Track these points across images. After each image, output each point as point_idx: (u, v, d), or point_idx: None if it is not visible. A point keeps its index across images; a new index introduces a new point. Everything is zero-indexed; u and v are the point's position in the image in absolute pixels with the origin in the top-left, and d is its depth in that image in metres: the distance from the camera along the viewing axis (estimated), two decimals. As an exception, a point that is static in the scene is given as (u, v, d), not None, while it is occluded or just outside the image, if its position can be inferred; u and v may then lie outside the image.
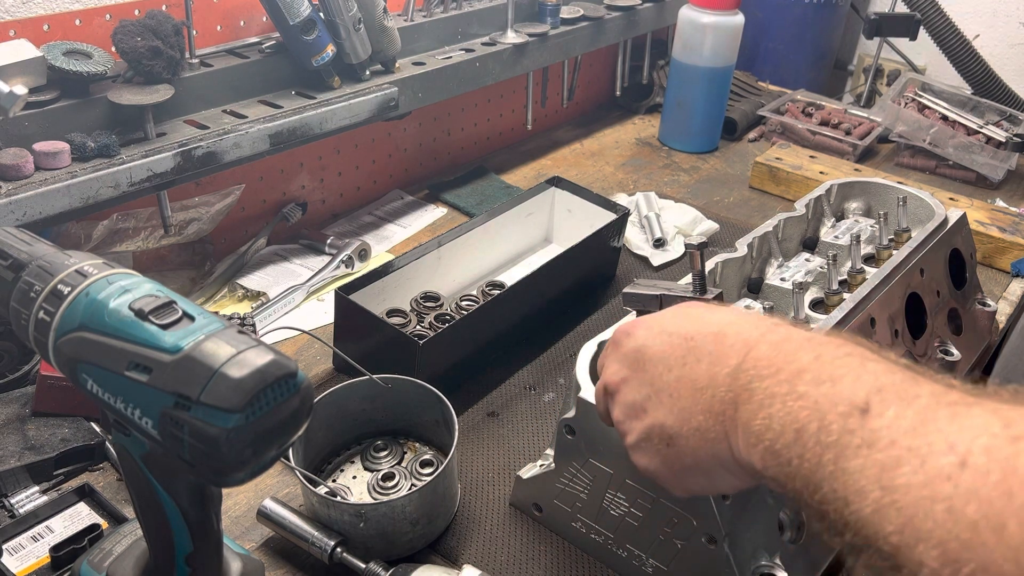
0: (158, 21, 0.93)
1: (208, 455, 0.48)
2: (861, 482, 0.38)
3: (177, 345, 0.49)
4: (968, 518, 0.34)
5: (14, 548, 0.71)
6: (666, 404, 0.52)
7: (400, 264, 0.98)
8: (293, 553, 0.73)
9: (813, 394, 0.42)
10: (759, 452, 0.44)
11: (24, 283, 0.54)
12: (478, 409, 0.92)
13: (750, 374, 0.46)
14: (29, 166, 0.84)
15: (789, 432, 0.42)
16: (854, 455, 0.39)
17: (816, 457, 0.40)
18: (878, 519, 0.37)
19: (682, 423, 0.50)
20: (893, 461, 0.37)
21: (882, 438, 0.38)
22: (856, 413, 0.40)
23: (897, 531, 0.36)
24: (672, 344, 0.53)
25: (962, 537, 0.33)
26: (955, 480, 0.35)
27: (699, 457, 0.50)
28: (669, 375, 0.52)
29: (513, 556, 0.74)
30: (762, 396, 0.45)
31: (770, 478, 0.44)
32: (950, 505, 0.34)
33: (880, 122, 1.59)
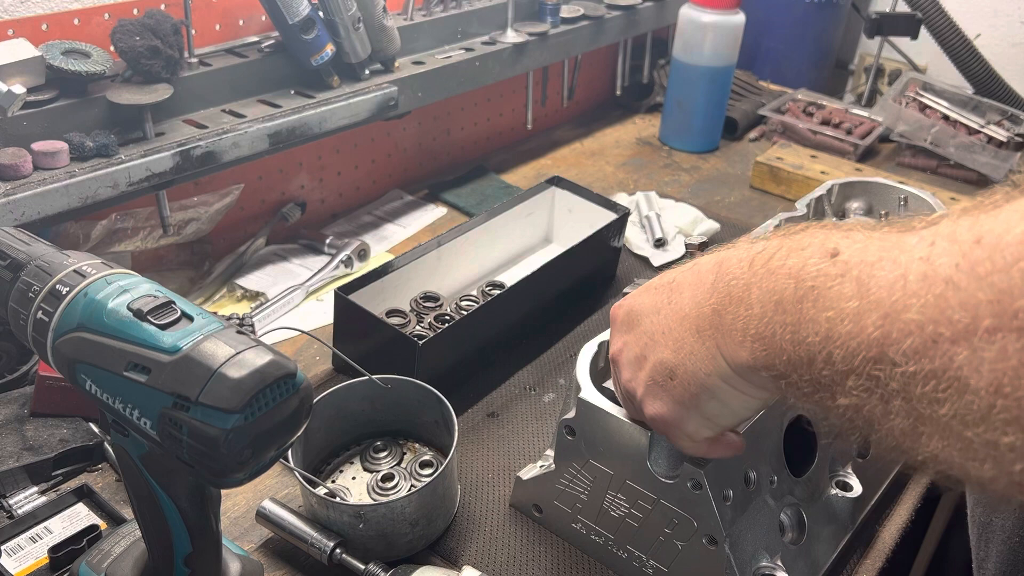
0: (157, 20, 0.93)
1: (207, 456, 0.47)
2: (839, 304, 0.37)
3: (176, 345, 0.49)
4: (941, 273, 0.33)
5: (12, 549, 0.71)
6: (660, 342, 0.52)
7: (400, 264, 0.98)
8: (292, 554, 0.73)
9: (787, 264, 0.42)
10: (747, 346, 0.44)
11: (22, 283, 0.54)
12: (478, 410, 0.92)
13: (725, 280, 0.47)
14: (27, 166, 0.84)
15: (769, 308, 0.42)
16: (829, 287, 0.38)
17: (796, 313, 0.40)
18: (859, 327, 0.36)
19: (677, 352, 0.51)
20: (867, 271, 0.37)
21: (853, 261, 0.38)
22: (827, 258, 0.40)
23: (877, 322, 0.35)
24: (658, 292, 0.54)
25: (937, 291, 0.33)
26: (926, 254, 0.34)
27: (701, 379, 0.50)
28: (658, 317, 0.53)
29: (513, 557, 0.74)
30: (739, 293, 0.45)
31: (762, 368, 0.44)
32: (923, 273, 0.34)
33: (881, 122, 1.59)
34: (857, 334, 0.36)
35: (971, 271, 0.32)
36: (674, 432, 0.55)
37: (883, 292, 0.35)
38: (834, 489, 0.75)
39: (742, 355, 0.45)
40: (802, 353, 0.40)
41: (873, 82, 1.92)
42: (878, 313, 0.35)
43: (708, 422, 0.53)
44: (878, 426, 0.36)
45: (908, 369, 0.33)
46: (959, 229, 0.34)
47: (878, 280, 0.36)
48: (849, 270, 0.38)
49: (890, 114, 1.59)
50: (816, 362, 0.39)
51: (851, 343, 0.36)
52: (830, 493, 0.74)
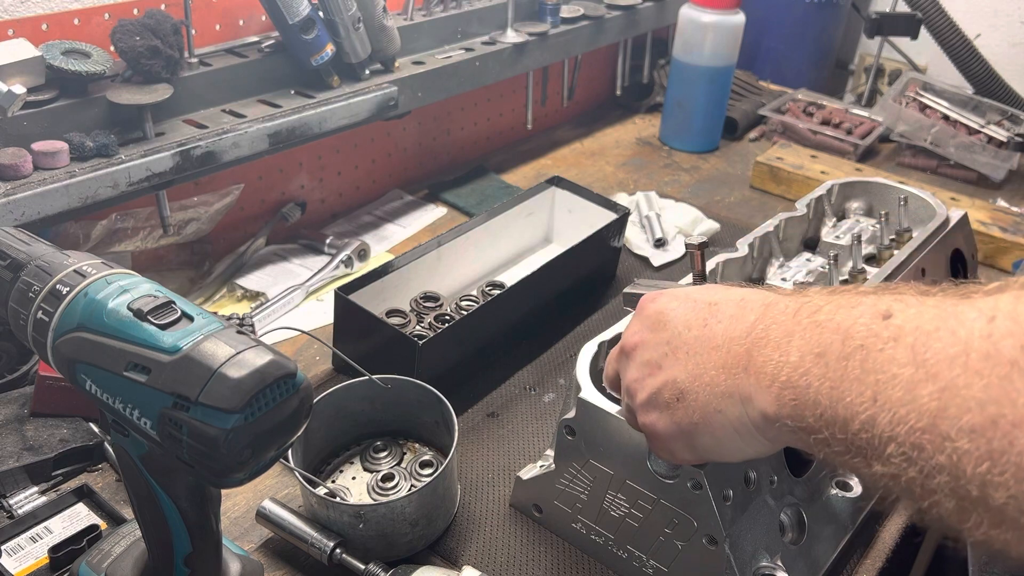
0: (157, 20, 0.93)
1: (207, 456, 0.47)
2: (891, 369, 0.36)
3: (176, 345, 0.49)
4: (1006, 355, 0.32)
5: (13, 549, 0.71)
6: (681, 360, 0.51)
7: (400, 264, 0.98)
8: (292, 554, 0.73)
9: (836, 319, 0.41)
10: (774, 392, 0.43)
11: (23, 283, 0.54)
12: (478, 410, 0.92)
13: (766, 323, 0.46)
14: (28, 166, 0.84)
15: (808, 358, 0.41)
16: (880, 350, 0.37)
17: (840, 369, 0.39)
18: (911, 395, 0.35)
19: (695, 379, 0.50)
20: (922, 339, 0.36)
21: (908, 327, 0.37)
22: (879, 319, 0.38)
23: (934, 394, 0.34)
24: (695, 308, 0.52)
25: (1001, 373, 0.32)
26: (987, 331, 0.34)
27: (708, 414, 0.49)
28: (688, 334, 0.51)
29: (513, 557, 0.74)
30: (778, 338, 0.44)
31: (787, 417, 0.42)
32: (986, 352, 0.33)
33: (881, 122, 1.59)
34: (908, 402, 0.35)
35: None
36: (658, 446, 0.54)
37: (942, 365, 0.34)
38: (834, 489, 0.75)
39: (766, 400, 0.44)
40: (840, 411, 0.38)
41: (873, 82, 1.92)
42: (936, 385, 0.34)
43: (695, 452, 0.52)
44: (919, 500, 0.35)
45: (961, 445, 0.33)
46: (1021, 308, 0.33)
47: (935, 351, 0.35)
48: (903, 335, 0.37)
49: (890, 114, 1.59)
50: (853, 423, 0.38)
51: (900, 410, 0.35)
52: (830, 493, 0.74)
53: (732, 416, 0.47)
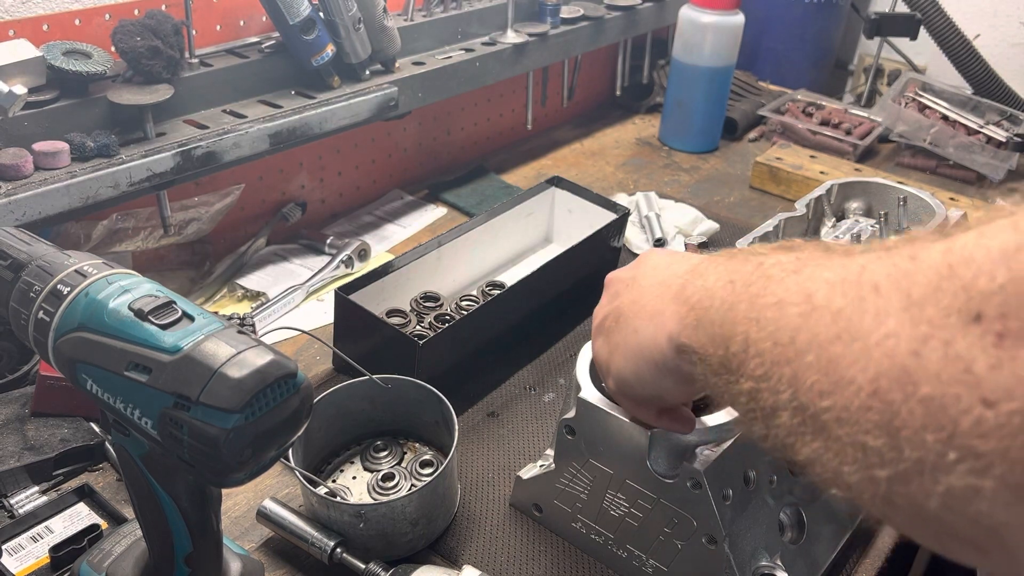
0: (158, 21, 0.93)
1: (207, 455, 0.47)
2: (780, 294, 0.38)
3: (176, 345, 0.49)
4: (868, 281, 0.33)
5: (14, 548, 0.71)
6: (633, 291, 0.54)
7: (400, 264, 0.98)
8: (293, 554, 0.73)
9: (760, 258, 0.42)
10: (682, 313, 0.46)
11: (23, 283, 0.54)
12: (478, 409, 0.92)
13: (708, 262, 0.48)
14: (28, 166, 0.84)
15: (720, 283, 0.43)
16: (781, 279, 0.39)
17: (741, 293, 0.40)
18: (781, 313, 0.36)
19: (633, 304, 0.53)
20: (815, 271, 0.37)
21: (810, 262, 0.38)
22: (793, 256, 0.40)
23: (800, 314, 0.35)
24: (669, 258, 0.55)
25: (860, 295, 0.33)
26: (864, 263, 0.34)
27: (627, 334, 0.52)
28: (650, 275, 0.54)
29: (513, 556, 0.74)
30: (708, 270, 0.46)
31: (683, 336, 0.45)
32: (856, 279, 0.34)
33: (880, 122, 1.59)
34: (777, 319, 0.36)
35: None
36: (600, 372, 0.57)
37: (819, 289, 0.35)
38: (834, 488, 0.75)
39: (673, 321, 0.47)
40: (726, 329, 0.40)
41: (872, 82, 1.92)
42: (806, 307, 0.35)
43: (613, 376, 0.55)
44: (767, 419, 0.36)
45: (806, 359, 0.33)
46: (914, 247, 0.34)
47: (817, 278, 0.36)
48: (803, 267, 0.38)
49: (889, 114, 1.59)
50: (734, 341, 0.39)
51: (769, 327, 0.37)
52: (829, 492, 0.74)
53: (645, 336, 0.50)
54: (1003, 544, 0.27)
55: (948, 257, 0.30)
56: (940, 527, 0.29)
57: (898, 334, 0.29)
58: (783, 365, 0.34)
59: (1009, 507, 0.26)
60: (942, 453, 0.27)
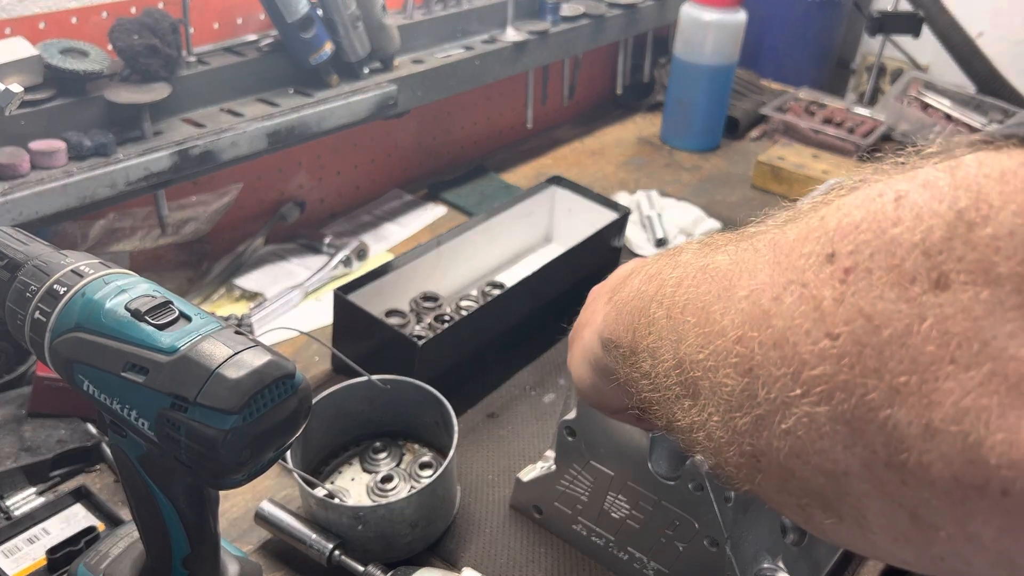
0: (155, 19, 0.92)
1: (205, 457, 0.47)
2: (677, 290, 0.40)
3: (174, 346, 0.48)
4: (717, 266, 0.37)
5: (10, 550, 0.71)
6: (590, 305, 0.56)
7: (399, 264, 0.98)
8: (291, 555, 0.73)
9: (690, 257, 0.43)
10: (609, 311, 0.48)
11: (20, 283, 0.54)
12: (478, 410, 0.91)
13: (653, 263, 0.48)
14: (25, 165, 0.83)
15: (640, 281, 0.45)
16: (693, 279, 0.40)
17: (652, 290, 0.42)
18: (668, 303, 0.39)
19: (585, 312, 0.56)
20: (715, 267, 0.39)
21: (725, 267, 0.39)
22: (714, 254, 0.41)
23: (678, 306, 0.38)
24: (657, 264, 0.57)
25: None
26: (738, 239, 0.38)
27: (581, 341, 0.54)
28: (604, 289, 0.55)
29: (513, 558, 0.74)
30: (643, 271, 0.47)
31: (605, 332, 0.47)
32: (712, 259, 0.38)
33: (883, 121, 1.59)
34: (673, 294, 0.39)
35: None
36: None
37: (697, 272, 0.38)
38: (836, 490, 0.74)
39: (600, 319, 0.49)
40: (633, 320, 0.43)
41: (875, 81, 1.92)
42: (681, 293, 0.38)
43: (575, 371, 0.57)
44: (662, 395, 0.38)
45: (690, 322, 0.36)
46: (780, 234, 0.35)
47: (718, 253, 0.39)
48: (712, 268, 0.40)
49: (892, 113, 1.58)
50: (641, 324, 0.42)
51: (666, 302, 0.39)
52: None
53: (585, 340, 0.52)
54: (852, 503, 0.27)
55: (819, 211, 0.31)
56: (797, 486, 0.29)
57: (764, 283, 0.31)
58: (671, 332, 0.37)
59: (848, 449, 0.26)
60: (789, 388, 0.28)
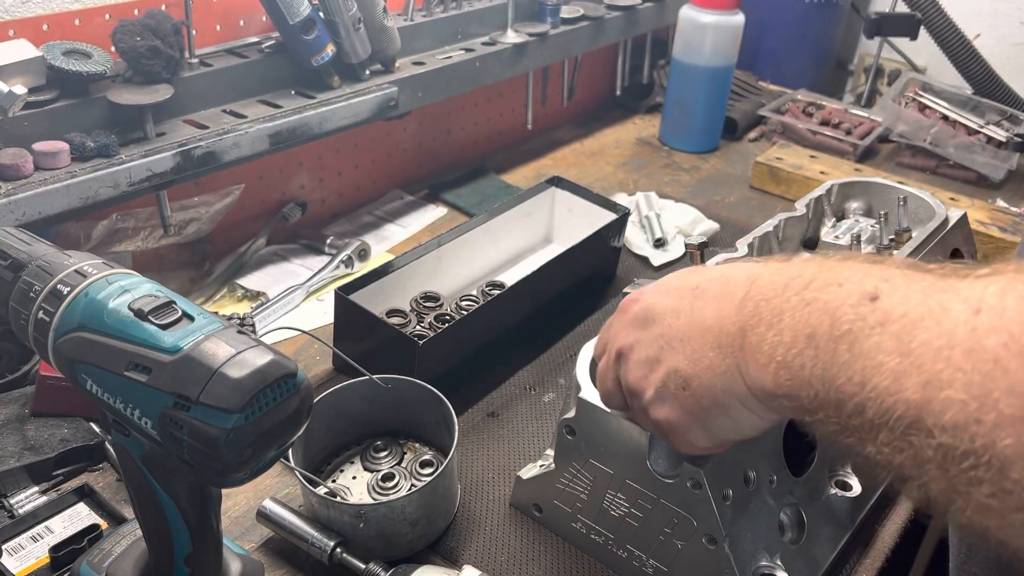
0: (157, 21, 0.93)
1: (207, 456, 0.47)
2: (878, 357, 0.37)
3: (176, 345, 0.49)
4: (989, 351, 0.33)
5: (14, 548, 0.71)
6: (678, 349, 0.51)
7: (400, 264, 0.98)
8: (293, 554, 0.73)
9: (822, 298, 0.41)
10: (771, 372, 0.43)
11: (23, 283, 0.54)
12: (478, 409, 0.92)
13: (755, 300, 0.46)
14: (28, 166, 0.84)
15: (800, 339, 0.41)
16: (868, 336, 0.37)
17: (830, 352, 0.39)
18: (898, 386, 0.35)
19: (694, 364, 0.50)
20: (908, 328, 0.36)
21: (895, 313, 0.37)
22: (867, 301, 0.39)
23: (918, 387, 0.34)
24: (680, 296, 0.52)
25: (984, 370, 0.32)
26: (972, 324, 0.34)
27: (715, 395, 0.49)
28: (678, 322, 0.51)
29: (513, 557, 0.74)
30: (769, 317, 0.44)
31: (784, 396, 0.43)
32: (970, 347, 0.33)
33: (881, 122, 1.59)
34: (895, 392, 0.36)
35: (1020, 354, 0.32)
36: (676, 438, 0.54)
37: (926, 357, 0.35)
38: (833, 489, 0.75)
39: (765, 380, 0.44)
40: (832, 395, 0.39)
41: (872, 82, 1.92)
42: (920, 379, 0.35)
43: (712, 435, 0.52)
44: (913, 480, 0.36)
45: (945, 441, 0.33)
46: (1008, 302, 0.33)
47: (920, 341, 0.35)
48: (889, 321, 0.37)
49: (889, 114, 1.59)
50: (846, 408, 0.38)
51: (887, 400, 0.36)
52: (829, 493, 0.74)
53: (740, 395, 0.47)
54: None
55: None
56: None
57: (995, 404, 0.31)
58: (919, 446, 0.34)
59: None
60: None
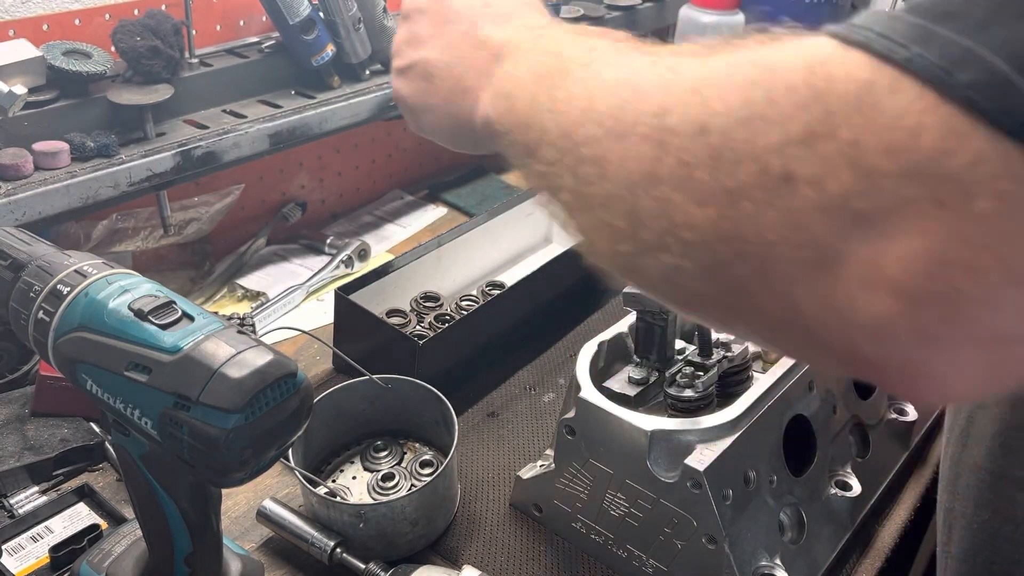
0: (157, 21, 0.93)
1: (207, 455, 0.48)
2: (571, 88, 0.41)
3: (176, 345, 0.49)
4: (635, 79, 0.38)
5: (13, 548, 0.71)
6: (441, 47, 0.55)
7: (400, 264, 0.98)
8: (293, 553, 0.73)
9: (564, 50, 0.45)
10: (498, 101, 0.48)
11: (23, 283, 0.54)
12: (478, 409, 0.92)
13: (519, 39, 0.50)
14: (28, 166, 0.84)
15: (529, 76, 0.46)
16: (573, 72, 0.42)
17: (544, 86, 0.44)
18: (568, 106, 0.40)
19: (446, 67, 0.54)
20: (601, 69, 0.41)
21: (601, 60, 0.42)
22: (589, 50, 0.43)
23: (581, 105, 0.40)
24: (473, 4, 0.55)
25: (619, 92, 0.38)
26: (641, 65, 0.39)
27: (443, 101, 0.54)
28: (457, 28, 0.55)
29: (513, 556, 0.74)
30: (518, 55, 0.48)
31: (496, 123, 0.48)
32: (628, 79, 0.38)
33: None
34: (565, 111, 0.40)
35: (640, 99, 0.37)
36: (404, 111, 0.59)
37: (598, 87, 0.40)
38: (833, 489, 0.75)
39: (489, 105, 0.49)
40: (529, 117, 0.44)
41: (873, 82, 1.92)
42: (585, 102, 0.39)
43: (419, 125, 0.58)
44: (556, 196, 0.41)
45: (583, 151, 0.38)
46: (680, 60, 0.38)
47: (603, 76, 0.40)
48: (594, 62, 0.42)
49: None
50: (533, 128, 0.43)
51: (560, 119, 0.41)
52: (829, 493, 0.74)
53: (460, 111, 0.52)
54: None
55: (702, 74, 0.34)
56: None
57: (646, 139, 0.34)
58: (567, 154, 0.39)
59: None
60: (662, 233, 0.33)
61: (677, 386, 0.71)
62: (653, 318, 0.73)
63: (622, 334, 0.78)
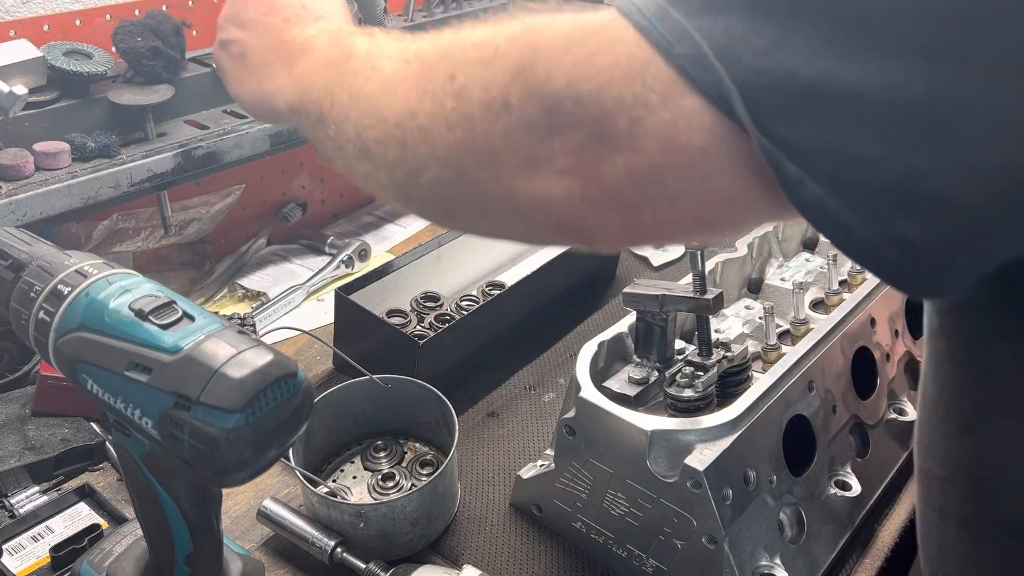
0: (158, 21, 0.93)
1: (208, 455, 0.48)
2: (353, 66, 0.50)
3: (177, 345, 0.49)
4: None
5: (14, 548, 0.71)
6: (257, 36, 0.63)
7: (400, 264, 0.98)
8: (293, 553, 0.73)
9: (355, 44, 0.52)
10: (296, 89, 0.56)
11: (24, 283, 0.54)
12: (478, 409, 0.92)
13: (322, 40, 0.57)
14: (29, 166, 0.84)
15: (321, 65, 0.54)
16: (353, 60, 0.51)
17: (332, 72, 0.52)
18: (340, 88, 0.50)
19: (258, 54, 0.62)
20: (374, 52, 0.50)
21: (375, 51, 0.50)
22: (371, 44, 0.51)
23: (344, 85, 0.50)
24: (291, 4, 0.63)
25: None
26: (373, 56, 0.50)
27: (255, 80, 0.62)
28: (275, 20, 0.62)
29: (513, 556, 0.74)
30: (316, 50, 0.56)
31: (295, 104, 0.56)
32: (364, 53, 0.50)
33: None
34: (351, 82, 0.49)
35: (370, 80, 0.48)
36: (223, 79, 0.66)
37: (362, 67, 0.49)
38: (833, 488, 0.75)
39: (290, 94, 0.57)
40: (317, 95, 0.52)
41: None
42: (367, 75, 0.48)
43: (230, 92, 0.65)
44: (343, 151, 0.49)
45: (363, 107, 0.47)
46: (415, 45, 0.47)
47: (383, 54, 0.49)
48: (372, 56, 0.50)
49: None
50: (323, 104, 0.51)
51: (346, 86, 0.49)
52: (829, 492, 0.74)
53: (268, 93, 0.60)
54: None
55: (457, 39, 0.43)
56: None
57: (411, 89, 0.43)
58: (351, 110, 0.48)
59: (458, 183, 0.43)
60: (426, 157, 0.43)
61: (677, 386, 0.71)
62: (653, 318, 0.73)
63: (622, 334, 0.78)
